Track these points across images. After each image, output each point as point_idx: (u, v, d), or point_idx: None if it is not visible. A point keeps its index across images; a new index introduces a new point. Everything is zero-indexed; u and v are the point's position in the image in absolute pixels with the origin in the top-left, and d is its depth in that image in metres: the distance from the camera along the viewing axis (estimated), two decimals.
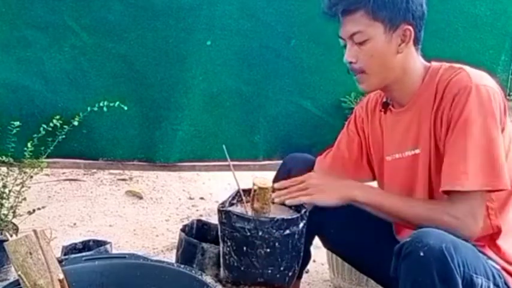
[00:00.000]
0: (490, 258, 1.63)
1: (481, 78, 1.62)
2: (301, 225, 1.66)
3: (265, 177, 1.72)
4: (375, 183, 1.94)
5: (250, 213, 1.69)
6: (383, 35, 1.66)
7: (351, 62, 1.69)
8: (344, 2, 1.66)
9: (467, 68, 1.65)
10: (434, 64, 1.74)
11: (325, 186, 1.71)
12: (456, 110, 1.59)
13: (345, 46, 1.71)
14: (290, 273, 1.70)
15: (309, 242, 1.94)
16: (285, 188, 1.71)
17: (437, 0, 3.19)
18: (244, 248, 1.65)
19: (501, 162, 1.57)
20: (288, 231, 1.63)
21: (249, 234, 1.63)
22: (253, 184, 1.66)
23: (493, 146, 1.57)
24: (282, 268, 1.67)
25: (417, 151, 1.72)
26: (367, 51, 1.67)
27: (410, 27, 1.67)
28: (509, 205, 1.68)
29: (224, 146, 1.79)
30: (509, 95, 3.52)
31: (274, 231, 1.62)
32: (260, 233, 1.63)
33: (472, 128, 1.56)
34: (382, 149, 1.85)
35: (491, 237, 1.67)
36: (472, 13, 3.22)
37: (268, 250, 1.64)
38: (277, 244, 1.64)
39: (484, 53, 3.28)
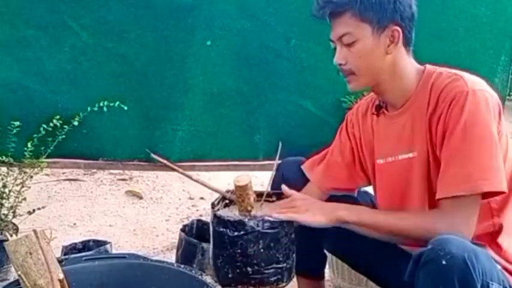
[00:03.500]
0: (493, 258, 1.64)
1: (476, 83, 1.61)
2: (247, 227, 1.62)
3: (247, 175, 1.72)
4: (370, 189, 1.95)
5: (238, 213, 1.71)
6: (371, 36, 1.67)
7: (340, 64, 1.71)
8: (331, 4, 1.67)
9: (462, 73, 1.65)
10: (429, 67, 1.73)
11: (310, 206, 1.71)
12: (453, 115, 1.58)
13: (335, 49, 1.73)
14: (258, 276, 1.69)
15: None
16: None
17: (438, 0, 3.19)
18: (218, 249, 1.68)
19: (500, 165, 1.56)
20: (237, 233, 1.63)
21: (220, 233, 1.65)
22: (234, 184, 1.68)
23: (492, 149, 1.56)
24: (245, 270, 1.66)
25: (411, 155, 1.71)
26: (355, 52, 1.68)
27: (398, 28, 1.67)
28: (510, 204, 1.68)
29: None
30: (509, 95, 3.53)
31: (229, 232, 1.63)
32: (220, 232, 1.64)
33: (470, 132, 1.56)
34: (373, 152, 1.85)
35: (492, 235, 1.68)
36: (472, 13, 3.22)
37: (228, 251, 1.65)
38: (231, 245, 1.64)
39: (484, 53, 3.27)
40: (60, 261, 1.63)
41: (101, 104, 2.68)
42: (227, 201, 1.79)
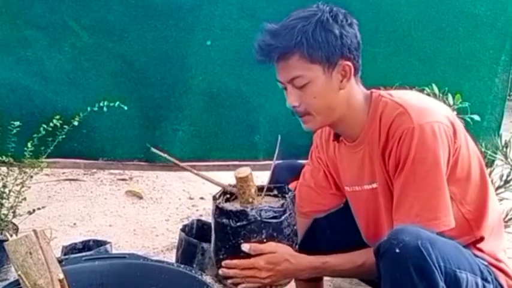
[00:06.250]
0: (476, 255, 1.64)
1: (422, 115, 1.59)
2: (249, 217, 1.62)
3: (247, 166, 1.71)
4: None
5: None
6: (323, 76, 1.62)
7: (294, 106, 1.66)
8: (278, 48, 1.61)
9: (406, 103, 1.62)
10: (375, 93, 1.71)
11: (273, 275, 1.66)
12: (403, 151, 1.58)
13: (285, 89, 1.68)
14: None
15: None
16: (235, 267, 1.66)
17: (437, 0, 3.19)
18: (221, 241, 1.68)
19: (448, 200, 1.58)
20: (240, 223, 1.62)
21: (222, 224, 1.65)
22: (235, 176, 1.67)
23: (441, 185, 1.57)
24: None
25: (374, 185, 1.71)
26: (309, 93, 1.63)
27: (348, 63, 1.63)
28: (486, 214, 1.69)
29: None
30: (509, 95, 3.52)
31: (232, 222, 1.63)
32: (222, 223, 1.64)
33: (420, 169, 1.56)
34: (340, 178, 1.86)
35: (474, 243, 1.68)
36: (472, 13, 3.22)
37: (231, 242, 1.64)
38: (233, 236, 1.64)
39: (484, 53, 3.27)
40: (60, 261, 1.63)
41: (101, 104, 2.67)
42: (228, 195, 1.78)
